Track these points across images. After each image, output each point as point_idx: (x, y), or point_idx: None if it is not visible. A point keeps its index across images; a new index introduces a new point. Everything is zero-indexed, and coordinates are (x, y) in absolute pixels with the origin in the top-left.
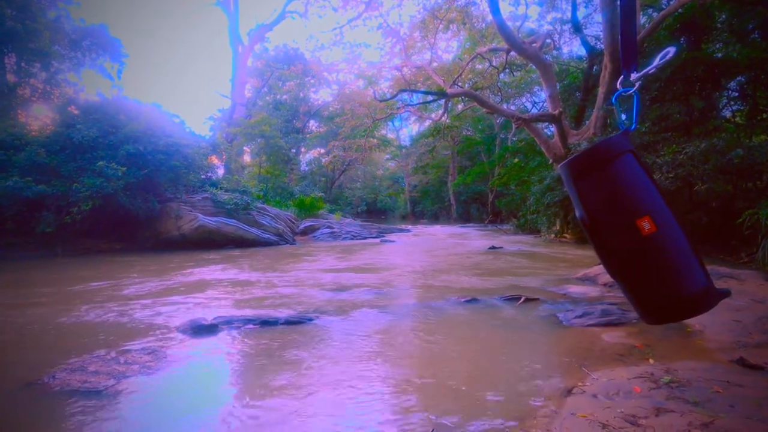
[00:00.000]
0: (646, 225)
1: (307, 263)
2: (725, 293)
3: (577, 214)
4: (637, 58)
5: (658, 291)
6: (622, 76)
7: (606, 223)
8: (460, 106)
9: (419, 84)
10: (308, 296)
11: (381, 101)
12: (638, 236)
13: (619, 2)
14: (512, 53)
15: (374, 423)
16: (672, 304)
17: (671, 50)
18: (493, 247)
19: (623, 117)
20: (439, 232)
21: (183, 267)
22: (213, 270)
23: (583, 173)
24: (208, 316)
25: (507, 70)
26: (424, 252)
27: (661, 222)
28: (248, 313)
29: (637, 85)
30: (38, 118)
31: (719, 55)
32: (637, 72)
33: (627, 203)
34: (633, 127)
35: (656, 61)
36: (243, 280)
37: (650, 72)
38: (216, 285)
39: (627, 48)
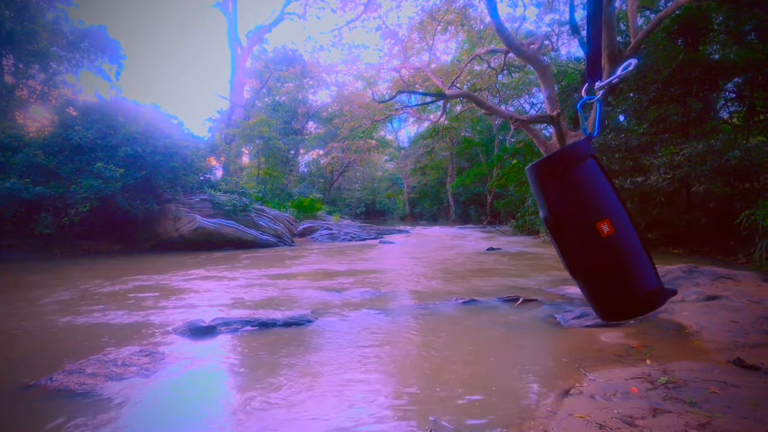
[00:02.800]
0: (605, 227)
1: (305, 264)
2: (673, 292)
3: (542, 214)
4: (603, 68)
5: (615, 290)
6: (586, 84)
7: (568, 224)
8: (458, 108)
9: (418, 85)
10: (306, 297)
11: (380, 102)
12: (598, 237)
13: (586, 16)
14: (510, 55)
15: (373, 424)
16: (627, 302)
17: (633, 62)
18: (491, 248)
19: (622, 121)
20: (438, 233)
21: (181, 268)
22: (211, 271)
23: (549, 176)
24: (206, 317)
25: (505, 72)
26: (422, 253)
27: (619, 225)
28: (246, 314)
29: (600, 93)
30: (36, 119)
31: (716, 56)
32: (601, 81)
33: (588, 206)
34: (596, 133)
35: (618, 71)
36: (241, 282)
37: (613, 82)
38: (214, 286)
39: (592, 58)
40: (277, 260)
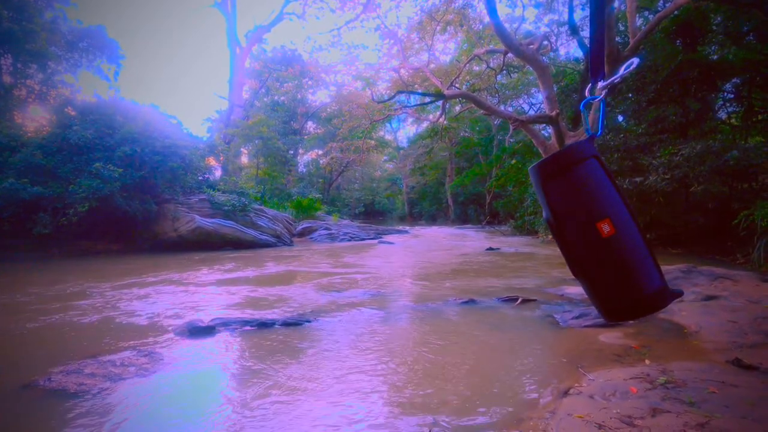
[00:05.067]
0: (605, 227)
1: (304, 265)
2: (678, 293)
3: (544, 215)
4: (605, 67)
5: (616, 290)
6: (590, 84)
7: (569, 224)
8: (457, 108)
9: (417, 85)
10: (305, 298)
11: (379, 103)
12: (598, 237)
13: (589, 16)
14: (509, 55)
15: (372, 424)
16: (629, 303)
17: (635, 61)
18: (490, 249)
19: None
20: (437, 233)
21: (180, 268)
22: (210, 271)
23: (551, 176)
24: (205, 317)
25: (504, 72)
26: (421, 253)
27: (620, 225)
28: (245, 314)
29: (603, 93)
30: (34, 119)
31: (715, 57)
32: (604, 81)
33: (588, 205)
34: (599, 133)
35: (621, 71)
36: (240, 282)
37: (615, 81)
38: (213, 286)
39: (595, 58)
40: (276, 260)
